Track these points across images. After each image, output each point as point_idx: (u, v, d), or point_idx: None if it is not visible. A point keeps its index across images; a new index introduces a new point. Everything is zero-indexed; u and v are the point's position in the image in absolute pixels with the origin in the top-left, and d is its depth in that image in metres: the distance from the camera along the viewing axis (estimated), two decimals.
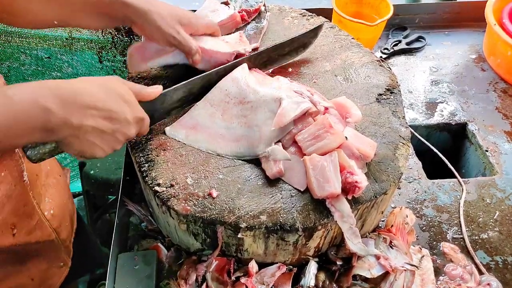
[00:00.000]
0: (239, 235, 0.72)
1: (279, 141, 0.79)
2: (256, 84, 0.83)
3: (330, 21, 1.11)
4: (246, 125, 0.81)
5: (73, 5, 0.78)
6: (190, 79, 0.82)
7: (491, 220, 0.97)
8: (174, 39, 0.82)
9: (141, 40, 0.95)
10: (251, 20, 1.04)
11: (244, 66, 0.87)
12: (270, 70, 0.95)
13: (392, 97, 0.91)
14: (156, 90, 0.74)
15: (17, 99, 0.56)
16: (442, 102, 1.26)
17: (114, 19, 0.82)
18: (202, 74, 0.83)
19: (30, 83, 0.59)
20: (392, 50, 1.40)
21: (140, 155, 0.79)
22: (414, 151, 1.12)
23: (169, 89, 0.78)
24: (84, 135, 0.61)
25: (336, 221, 0.72)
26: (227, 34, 1.00)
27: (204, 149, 0.80)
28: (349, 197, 0.72)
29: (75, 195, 1.90)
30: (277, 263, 0.80)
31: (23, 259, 0.91)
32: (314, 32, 0.98)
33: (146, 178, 0.76)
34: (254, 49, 0.94)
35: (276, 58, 0.94)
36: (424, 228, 0.96)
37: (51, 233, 0.95)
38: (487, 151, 1.13)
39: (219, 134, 0.81)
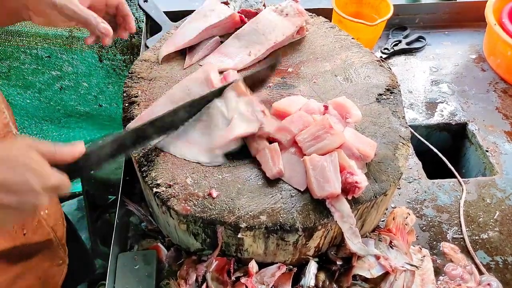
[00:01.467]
0: (239, 235, 0.72)
1: (278, 141, 0.79)
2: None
3: (330, 21, 1.11)
4: (202, 129, 0.80)
5: None
6: (120, 133, 0.73)
7: (491, 220, 0.97)
8: (69, 10, 0.76)
9: (141, 37, 0.95)
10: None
11: (214, 68, 0.87)
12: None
13: (392, 97, 0.91)
14: (74, 150, 0.65)
15: None
16: (442, 102, 1.26)
17: (6, 9, 0.78)
18: (136, 127, 0.74)
19: None
20: (392, 50, 1.40)
21: (140, 155, 0.79)
22: (414, 151, 1.12)
23: (93, 147, 0.68)
24: None
25: (336, 221, 0.72)
26: (226, 34, 1.00)
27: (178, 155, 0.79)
28: (349, 197, 0.72)
29: (75, 195, 1.90)
30: (277, 263, 0.80)
31: (28, 258, 0.92)
32: (271, 66, 0.92)
33: (146, 178, 0.76)
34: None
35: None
36: (424, 228, 0.96)
37: (49, 232, 0.96)
38: (487, 151, 1.13)
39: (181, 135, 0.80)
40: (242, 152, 0.80)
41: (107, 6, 0.85)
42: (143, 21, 1.41)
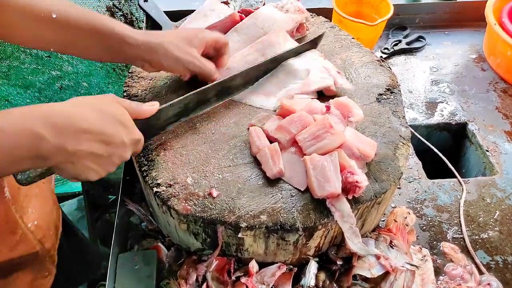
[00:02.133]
0: (240, 235, 0.72)
1: (278, 141, 0.79)
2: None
3: (330, 21, 1.11)
4: (278, 84, 0.91)
5: (78, 32, 0.74)
6: (187, 95, 0.79)
7: (491, 220, 0.98)
8: (194, 66, 0.82)
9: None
10: None
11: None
12: None
13: (392, 97, 0.92)
14: (152, 107, 0.72)
15: (9, 130, 0.54)
16: (442, 102, 1.26)
17: (121, 57, 0.79)
18: (198, 89, 0.81)
19: (22, 109, 0.56)
20: (392, 50, 1.40)
21: (140, 155, 0.79)
22: (414, 151, 1.12)
23: (165, 105, 0.76)
24: (79, 160, 0.60)
25: (336, 221, 0.72)
26: (225, 33, 1.00)
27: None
28: (350, 197, 0.72)
29: (75, 195, 1.90)
30: (277, 262, 0.80)
31: (6, 275, 0.89)
32: (315, 43, 0.97)
33: (146, 178, 0.76)
34: None
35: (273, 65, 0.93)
36: (424, 228, 0.96)
37: (35, 245, 0.92)
38: (487, 151, 1.13)
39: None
40: (242, 152, 0.80)
41: (214, 47, 0.89)
42: (143, 21, 1.41)
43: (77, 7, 0.75)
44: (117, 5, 1.46)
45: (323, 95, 0.89)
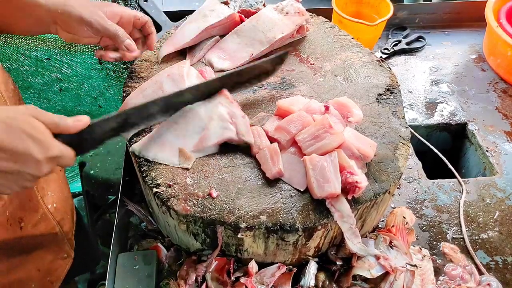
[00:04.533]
0: (239, 235, 0.72)
1: (278, 141, 0.79)
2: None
3: (330, 21, 1.11)
4: (177, 132, 0.80)
5: (7, 4, 0.74)
6: (126, 110, 0.74)
7: (491, 220, 0.97)
8: (99, 25, 0.78)
9: None
10: None
11: (187, 62, 0.87)
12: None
13: (392, 97, 0.91)
14: (78, 123, 0.64)
15: None
16: (442, 102, 1.26)
17: (37, 21, 0.79)
18: (139, 105, 0.75)
19: None
20: (392, 50, 1.40)
21: (140, 155, 0.79)
22: (414, 151, 1.12)
23: (97, 120, 0.68)
24: None
25: (336, 221, 0.72)
26: (225, 34, 1.00)
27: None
28: (349, 197, 0.72)
29: (75, 195, 1.90)
30: (277, 263, 0.80)
31: (29, 251, 0.92)
32: (280, 59, 0.91)
33: (146, 178, 0.76)
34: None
35: (232, 86, 0.85)
36: (424, 228, 0.96)
37: (54, 225, 0.96)
38: (487, 151, 1.13)
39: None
40: (242, 152, 0.80)
41: (134, 24, 0.87)
42: None
43: None
44: None
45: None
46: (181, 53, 0.99)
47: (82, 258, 1.13)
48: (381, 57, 1.37)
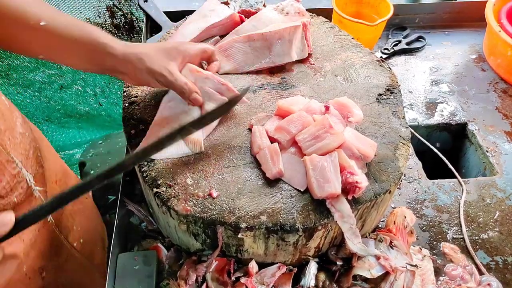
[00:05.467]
0: (239, 236, 0.72)
1: (278, 141, 0.79)
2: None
3: (330, 21, 1.11)
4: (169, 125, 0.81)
5: (64, 40, 0.72)
6: (59, 194, 0.62)
7: (491, 220, 0.97)
8: (166, 80, 0.75)
9: (141, 37, 0.94)
10: None
11: None
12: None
13: (392, 97, 0.91)
14: (3, 228, 0.57)
15: None
16: (442, 102, 1.26)
17: (102, 67, 0.76)
18: (80, 184, 0.64)
19: None
20: (392, 50, 1.40)
21: None
22: (414, 151, 1.12)
23: (27, 213, 0.60)
24: None
25: (336, 221, 0.72)
26: (226, 34, 1.00)
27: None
28: (349, 197, 0.72)
29: None
30: (277, 263, 0.80)
31: None
32: (229, 105, 0.82)
33: (146, 178, 0.76)
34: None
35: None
36: (424, 228, 0.96)
37: (82, 262, 0.91)
38: (487, 151, 1.13)
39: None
40: (242, 152, 0.80)
41: (201, 58, 0.85)
42: (143, 21, 1.41)
43: (65, 15, 0.74)
44: (117, 5, 1.47)
45: None
46: None
47: None
48: (381, 57, 1.37)
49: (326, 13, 1.27)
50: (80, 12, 1.46)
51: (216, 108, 0.79)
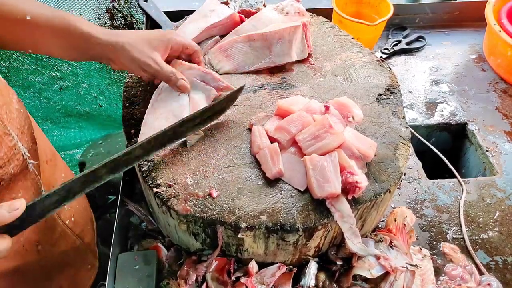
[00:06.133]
0: (239, 235, 0.72)
1: (278, 141, 0.79)
2: None
3: (330, 21, 1.11)
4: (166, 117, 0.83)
5: (50, 32, 0.75)
6: (69, 181, 0.66)
7: (491, 220, 0.97)
8: (150, 68, 0.78)
9: None
10: None
11: None
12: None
13: (392, 97, 0.91)
14: (15, 212, 0.58)
15: None
16: (442, 102, 1.26)
17: (87, 56, 0.79)
18: (85, 172, 0.69)
19: None
20: (392, 50, 1.40)
21: None
22: (414, 151, 1.12)
23: (37, 199, 0.63)
24: None
25: (336, 221, 0.72)
26: (226, 34, 1.00)
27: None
28: (349, 197, 0.72)
29: None
30: (277, 263, 0.80)
31: (49, 271, 0.90)
32: (234, 96, 0.86)
33: (146, 178, 0.76)
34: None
35: (184, 131, 0.79)
36: (424, 228, 0.96)
37: (74, 240, 0.95)
38: (487, 151, 1.13)
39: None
40: (242, 152, 0.80)
41: (182, 52, 0.87)
42: (143, 23, 1.41)
43: (49, 8, 0.76)
44: (117, 7, 1.47)
45: None
46: None
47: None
48: (381, 57, 1.37)
49: (326, 13, 1.27)
50: (80, 14, 1.46)
51: (219, 101, 0.82)
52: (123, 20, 1.51)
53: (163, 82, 0.85)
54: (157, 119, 0.81)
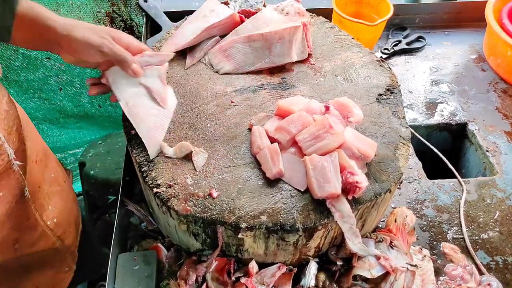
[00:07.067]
0: (240, 235, 0.72)
1: (278, 141, 0.79)
2: None
3: (330, 21, 1.11)
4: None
5: (20, 22, 0.74)
6: None
7: (491, 220, 0.97)
8: (108, 49, 0.78)
9: (141, 37, 0.94)
10: None
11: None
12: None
13: (392, 97, 0.91)
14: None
15: None
16: (442, 102, 1.26)
17: (44, 42, 0.78)
18: None
19: None
20: (392, 50, 1.40)
21: (140, 155, 0.79)
22: (414, 151, 1.12)
23: None
24: None
25: (336, 221, 0.72)
26: (226, 34, 1.00)
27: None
28: (350, 197, 0.72)
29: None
30: (277, 263, 0.80)
31: (27, 269, 0.91)
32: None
33: (146, 178, 0.76)
34: None
35: None
36: (424, 228, 0.96)
37: (54, 241, 0.95)
38: (487, 151, 1.13)
39: None
40: (242, 152, 0.80)
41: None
42: (142, 26, 1.41)
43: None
44: (116, 11, 1.46)
45: None
46: (181, 53, 0.99)
47: (86, 267, 1.13)
48: (381, 57, 1.37)
49: (326, 13, 1.27)
50: (79, 18, 1.46)
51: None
52: (123, 24, 1.51)
53: (109, 70, 0.84)
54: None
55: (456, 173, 1.06)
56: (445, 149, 1.14)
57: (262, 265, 0.79)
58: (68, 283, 1.04)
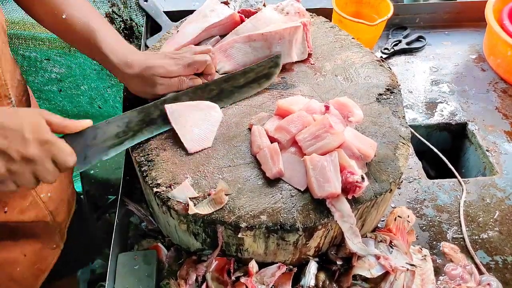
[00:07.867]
0: (239, 235, 0.72)
1: (278, 141, 0.79)
2: None
3: (330, 21, 1.11)
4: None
5: (77, 39, 0.83)
6: (126, 112, 0.78)
7: (491, 220, 0.97)
8: (191, 59, 0.83)
9: (142, 38, 0.95)
10: None
11: None
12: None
13: (392, 97, 0.92)
14: (81, 123, 0.70)
15: None
16: (442, 102, 1.26)
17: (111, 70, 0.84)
18: (140, 107, 0.79)
19: None
20: (392, 50, 1.40)
21: (140, 155, 0.79)
22: (414, 151, 1.12)
23: (99, 123, 0.73)
24: None
25: (336, 221, 0.72)
26: (226, 34, 1.00)
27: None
28: (349, 197, 0.72)
29: None
30: (277, 263, 0.80)
31: (16, 235, 0.93)
32: (274, 62, 0.92)
33: (146, 178, 0.76)
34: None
35: (231, 91, 0.89)
36: (424, 228, 0.96)
37: (46, 215, 0.97)
38: (487, 151, 1.13)
39: None
40: (242, 152, 0.80)
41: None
42: (142, 26, 1.41)
43: (84, 10, 0.82)
44: (116, 12, 1.46)
45: None
46: None
47: (76, 251, 1.14)
48: (381, 57, 1.38)
49: (326, 13, 1.27)
50: None
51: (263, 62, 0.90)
52: (122, 24, 1.51)
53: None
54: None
55: (456, 173, 1.06)
56: (445, 149, 1.14)
57: (262, 265, 0.79)
58: (54, 262, 1.06)
